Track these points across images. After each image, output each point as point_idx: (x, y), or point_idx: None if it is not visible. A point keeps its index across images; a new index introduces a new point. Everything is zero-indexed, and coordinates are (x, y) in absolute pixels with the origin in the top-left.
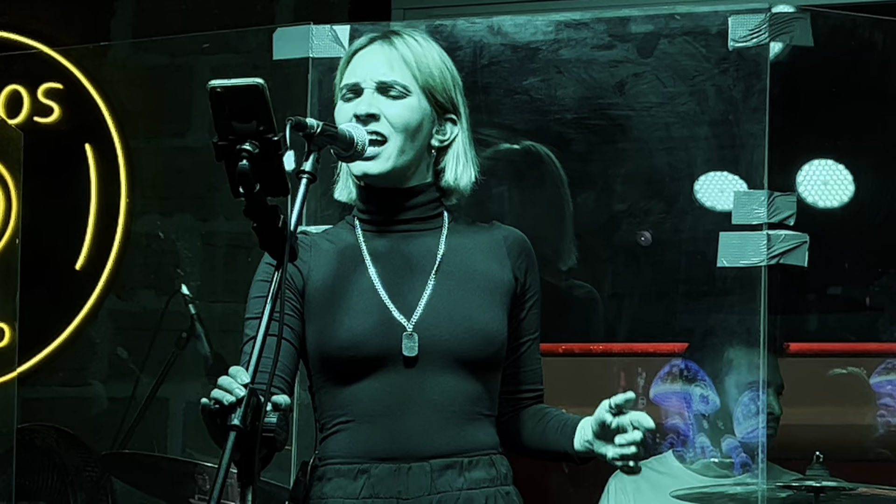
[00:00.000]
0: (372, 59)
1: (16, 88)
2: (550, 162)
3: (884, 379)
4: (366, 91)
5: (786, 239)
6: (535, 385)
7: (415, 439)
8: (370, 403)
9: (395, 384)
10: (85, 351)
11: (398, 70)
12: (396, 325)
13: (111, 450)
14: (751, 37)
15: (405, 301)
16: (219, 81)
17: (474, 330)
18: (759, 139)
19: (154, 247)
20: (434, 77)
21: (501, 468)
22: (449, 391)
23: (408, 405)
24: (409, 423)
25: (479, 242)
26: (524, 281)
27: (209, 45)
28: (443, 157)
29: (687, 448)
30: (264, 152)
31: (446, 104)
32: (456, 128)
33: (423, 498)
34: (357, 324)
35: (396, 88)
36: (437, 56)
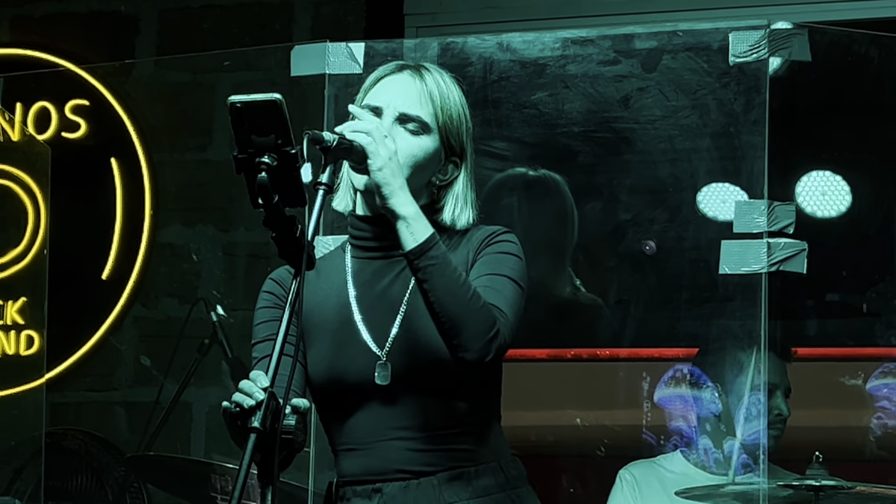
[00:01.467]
0: (399, 87)
1: (44, 105)
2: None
3: (880, 382)
4: (386, 118)
5: (785, 247)
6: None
7: (415, 458)
8: (361, 432)
9: (379, 412)
10: (111, 357)
11: (424, 105)
12: (371, 355)
13: (136, 452)
14: (751, 52)
15: (379, 329)
16: (238, 97)
17: (439, 356)
18: (759, 151)
19: (177, 256)
20: (452, 119)
21: (511, 471)
22: (431, 414)
23: (396, 430)
24: (404, 446)
25: (457, 257)
26: (476, 259)
27: (230, 63)
28: (443, 195)
29: (691, 449)
30: (282, 165)
31: (455, 147)
32: (458, 170)
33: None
34: (336, 357)
35: (416, 124)
36: (458, 99)
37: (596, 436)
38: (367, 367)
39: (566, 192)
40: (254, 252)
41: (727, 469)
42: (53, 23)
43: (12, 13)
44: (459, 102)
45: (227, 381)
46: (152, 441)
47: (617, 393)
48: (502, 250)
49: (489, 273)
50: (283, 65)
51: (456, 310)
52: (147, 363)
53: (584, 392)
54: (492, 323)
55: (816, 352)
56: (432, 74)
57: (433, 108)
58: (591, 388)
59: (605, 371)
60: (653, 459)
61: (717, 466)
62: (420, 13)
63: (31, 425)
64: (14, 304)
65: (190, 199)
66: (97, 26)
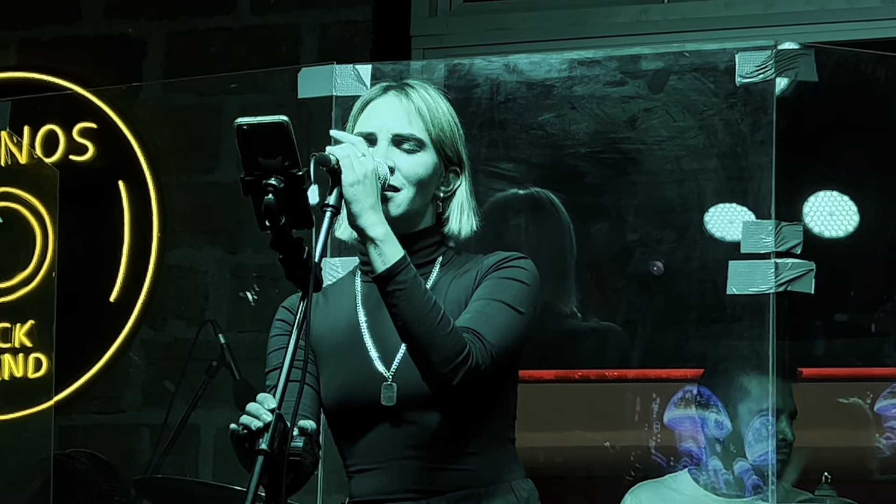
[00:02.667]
0: (388, 110)
1: (52, 128)
2: (555, 208)
3: (889, 403)
4: (381, 143)
5: (793, 267)
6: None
7: (425, 478)
8: (371, 453)
9: (388, 432)
10: (119, 380)
11: (414, 123)
12: (378, 376)
13: (144, 475)
14: (757, 73)
15: (387, 350)
16: (245, 119)
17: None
18: (766, 171)
19: (185, 279)
20: (445, 131)
21: (522, 493)
22: (439, 433)
23: (406, 449)
24: (414, 466)
25: (461, 277)
26: (482, 280)
27: (237, 85)
28: (447, 206)
29: (700, 471)
30: (289, 187)
31: (453, 157)
32: (459, 179)
33: None
34: (346, 380)
35: (411, 142)
36: (447, 110)
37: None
38: (375, 389)
39: (559, 208)
40: (261, 274)
41: (738, 490)
42: (61, 46)
43: (20, 37)
44: (448, 113)
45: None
46: (160, 463)
47: (625, 414)
48: (508, 276)
49: (485, 298)
50: (291, 87)
51: (422, 334)
52: (172, 388)
53: (592, 414)
54: (460, 349)
55: (825, 372)
56: (417, 90)
57: (424, 123)
58: (599, 410)
59: (613, 392)
60: (660, 480)
61: (727, 488)
62: (427, 35)
63: (39, 448)
64: (22, 326)
65: (197, 221)
66: (104, 49)
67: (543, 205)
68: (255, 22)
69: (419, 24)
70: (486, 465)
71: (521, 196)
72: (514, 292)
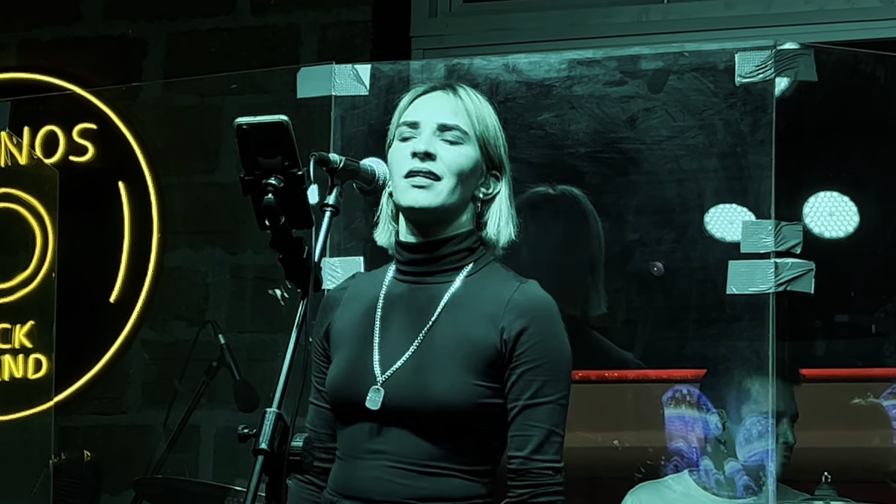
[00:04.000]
0: (435, 104)
1: (52, 129)
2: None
3: (890, 403)
4: (425, 130)
5: (793, 267)
6: (516, 452)
7: (373, 484)
8: (347, 444)
9: (365, 431)
10: (119, 380)
11: (460, 117)
12: (371, 377)
13: (144, 475)
14: (757, 72)
15: (391, 354)
16: (245, 119)
17: (428, 398)
18: (766, 171)
19: (185, 279)
20: (489, 130)
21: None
22: (409, 447)
23: (372, 452)
24: (370, 468)
25: (482, 300)
26: (514, 344)
27: (237, 86)
28: (486, 210)
29: (695, 470)
30: (289, 186)
31: (495, 159)
32: (500, 184)
33: None
34: (348, 369)
35: (455, 133)
36: (492, 114)
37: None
38: (362, 388)
39: (588, 206)
40: (261, 275)
41: (728, 490)
42: (61, 47)
43: (20, 37)
44: (494, 117)
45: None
46: (160, 464)
47: (625, 415)
48: (556, 354)
49: (534, 400)
50: (290, 87)
51: None
52: (178, 388)
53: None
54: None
55: (825, 373)
56: (465, 90)
57: (469, 119)
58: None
59: (614, 393)
60: (660, 480)
61: (717, 487)
62: (426, 35)
63: (39, 449)
64: (22, 327)
65: (197, 221)
66: (104, 50)
67: (577, 204)
68: (254, 22)
69: (419, 25)
70: (435, 486)
71: (553, 196)
72: (567, 377)
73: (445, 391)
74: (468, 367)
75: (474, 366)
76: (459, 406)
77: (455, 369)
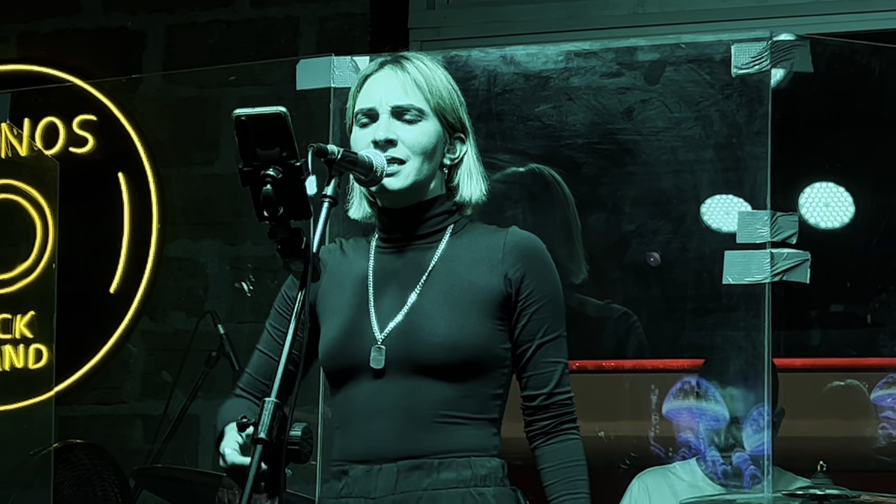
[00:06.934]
0: (385, 84)
1: (52, 120)
2: (555, 182)
3: (885, 393)
4: (381, 116)
5: (788, 257)
6: (541, 390)
7: (384, 443)
8: (349, 409)
9: (367, 392)
10: (119, 370)
11: (412, 94)
12: (370, 338)
13: (144, 464)
14: (753, 64)
15: (386, 315)
16: (243, 110)
17: (437, 340)
18: (762, 162)
19: (184, 270)
20: (444, 99)
21: (480, 470)
22: (415, 398)
23: (378, 412)
24: (379, 428)
25: (475, 250)
26: (519, 286)
27: (236, 78)
28: (455, 173)
29: (703, 460)
30: (287, 177)
31: (455, 124)
32: (464, 146)
33: (386, 497)
34: (341, 337)
35: (411, 112)
36: (444, 78)
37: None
38: (363, 349)
39: (560, 182)
40: (260, 265)
41: (735, 480)
42: (61, 39)
43: (20, 29)
44: (446, 80)
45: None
46: (160, 453)
47: (622, 405)
48: (555, 290)
49: (547, 337)
50: (289, 79)
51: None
52: (168, 379)
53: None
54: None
55: (820, 362)
56: (412, 62)
57: (422, 93)
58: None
59: (611, 383)
60: (667, 467)
61: (724, 477)
62: (424, 27)
63: (39, 439)
64: (23, 318)
65: (197, 213)
66: (104, 42)
67: (544, 179)
68: (253, 14)
69: (417, 17)
70: (453, 437)
71: (522, 172)
72: (563, 309)
73: (450, 332)
74: (472, 309)
75: (478, 306)
76: (464, 344)
77: (460, 311)
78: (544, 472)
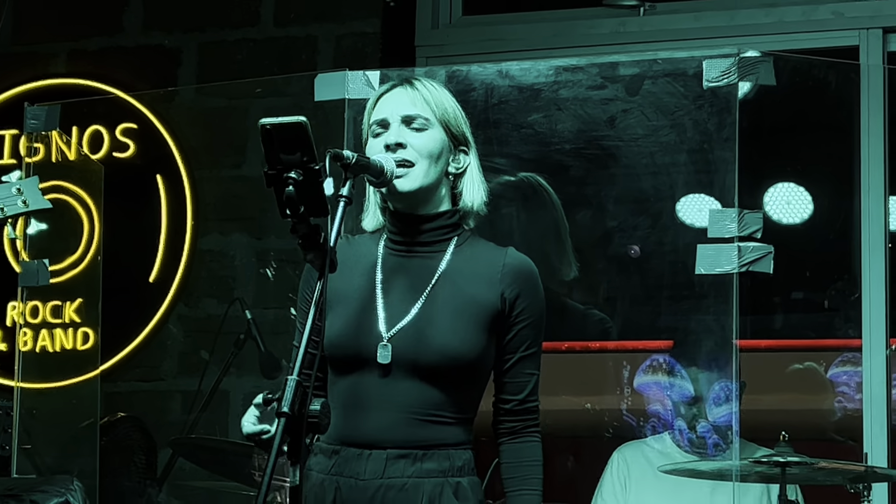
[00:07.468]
0: (396, 99)
1: (97, 128)
2: (543, 189)
3: (840, 370)
4: (392, 124)
5: (754, 250)
6: (515, 396)
7: (377, 433)
8: (349, 396)
9: (369, 384)
10: (158, 351)
11: (420, 106)
12: (377, 334)
13: (180, 435)
14: (722, 77)
15: (394, 315)
16: (268, 119)
17: (437, 348)
18: (730, 165)
19: (215, 262)
20: (448, 112)
21: (457, 461)
22: (411, 396)
23: (377, 403)
24: (375, 418)
25: (476, 266)
26: (513, 304)
27: (261, 90)
28: (459, 182)
29: (670, 432)
30: (307, 179)
31: (459, 136)
32: (468, 157)
33: (374, 480)
34: (349, 329)
35: (419, 120)
36: (449, 97)
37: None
38: (369, 344)
39: (547, 188)
40: (283, 257)
41: (700, 448)
42: (105, 55)
43: (69, 47)
44: (451, 99)
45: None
46: (194, 424)
47: (605, 381)
48: (541, 310)
49: (529, 351)
50: (308, 91)
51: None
52: (207, 357)
53: (576, 380)
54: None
55: (782, 343)
56: (421, 82)
57: (428, 106)
58: (583, 377)
59: (595, 362)
60: (643, 440)
61: (690, 446)
62: (429, 45)
63: (87, 412)
64: (72, 304)
65: (226, 210)
66: (144, 58)
67: (533, 188)
68: (277, 34)
69: (423, 35)
70: (431, 432)
71: (512, 182)
72: (542, 333)
73: (452, 342)
74: (471, 322)
75: (475, 320)
76: (463, 355)
77: (460, 324)
78: (506, 466)
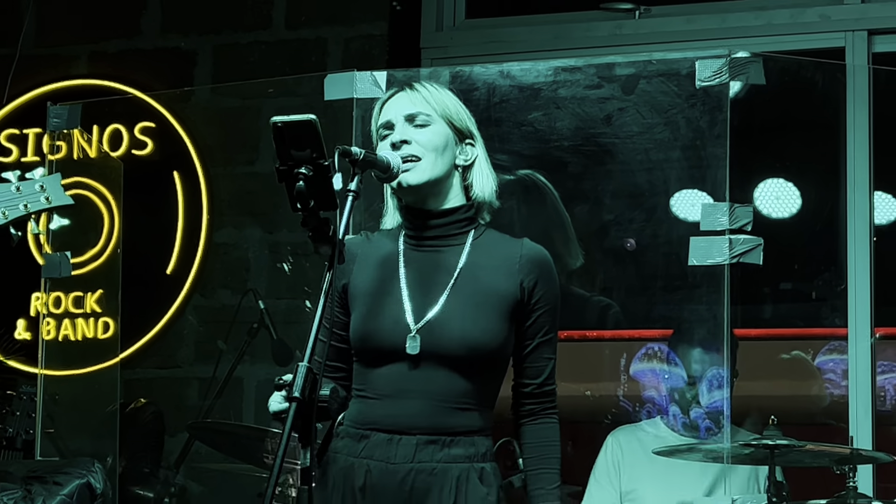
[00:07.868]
0: (399, 102)
1: (117, 127)
2: (543, 185)
3: (827, 358)
4: (397, 125)
5: (744, 242)
6: (534, 380)
7: (408, 420)
8: (380, 385)
9: (400, 373)
10: (175, 340)
11: (420, 104)
12: (405, 327)
13: (197, 419)
14: (714, 77)
15: (421, 308)
16: (279, 118)
17: (462, 339)
18: (722, 161)
19: (230, 254)
20: (449, 108)
21: (481, 448)
22: (439, 385)
23: (407, 391)
24: (405, 406)
25: (495, 258)
26: (531, 292)
27: (273, 90)
28: (469, 173)
29: (663, 416)
30: (317, 175)
31: (463, 130)
32: (475, 149)
33: (405, 465)
34: (377, 321)
35: (421, 117)
36: (449, 94)
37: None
38: (401, 336)
39: (546, 184)
40: (295, 250)
41: (692, 432)
42: (124, 57)
43: (90, 49)
44: (452, 97)
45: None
46: (210, 410)
47: (603, 368)
48: (557, 297)
49: (547, 336)
50: (318, 91)
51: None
52: (223, 347)
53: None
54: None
55: (772, 332)
56: (422, 84)
57: (429, 104)
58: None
59: (593, 350)
60: (637, 424)
61: (684, 430)
62: (434, 46)
63: (107, 398)
64: (93, 295)
65: (240, 205)
66: (161, 60)
67: (533, 184)
68: (288, 36)
69: (427, 37)
70: (458, 419)
71: (512, 181)
72: (558, 319)
73: (476, 333)
74: (493, 312)
75: (497, 311)
76: (486, 345)
77: (483, 315)
78: (526, 446)
